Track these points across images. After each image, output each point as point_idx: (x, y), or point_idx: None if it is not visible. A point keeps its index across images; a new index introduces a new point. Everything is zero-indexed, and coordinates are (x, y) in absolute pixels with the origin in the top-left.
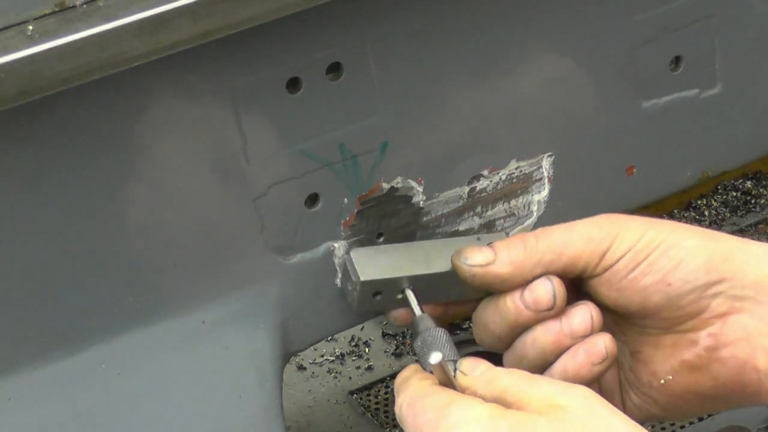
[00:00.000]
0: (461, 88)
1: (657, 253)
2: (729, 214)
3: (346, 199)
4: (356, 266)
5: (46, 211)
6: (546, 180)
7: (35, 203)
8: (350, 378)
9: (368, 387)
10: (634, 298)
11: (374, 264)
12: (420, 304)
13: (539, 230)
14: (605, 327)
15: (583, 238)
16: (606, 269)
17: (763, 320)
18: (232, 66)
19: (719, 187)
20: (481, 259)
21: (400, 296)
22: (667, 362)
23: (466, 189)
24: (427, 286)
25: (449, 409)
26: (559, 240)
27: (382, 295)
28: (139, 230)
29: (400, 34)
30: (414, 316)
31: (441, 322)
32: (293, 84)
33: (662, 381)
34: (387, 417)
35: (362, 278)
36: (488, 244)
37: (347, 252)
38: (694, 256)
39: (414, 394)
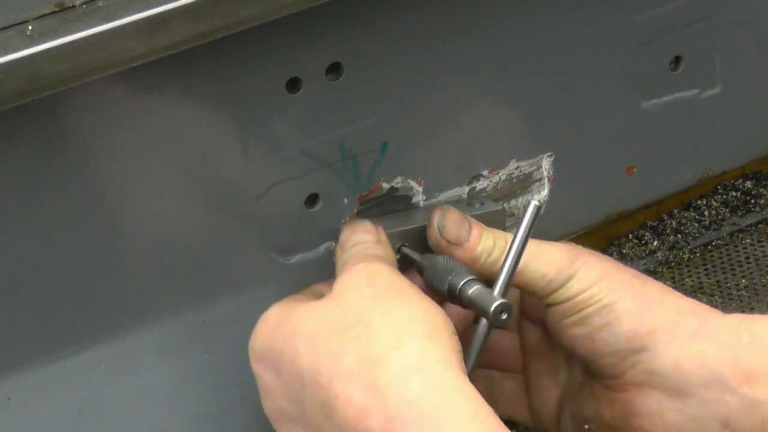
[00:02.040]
0: (461, 88)
1: (590, 309)
2: (729, 214)
3: (346, 199)
4: None
5: (46, 211)
6: (546, 180)
7: (35, 203)
8: None
9: None
10: (563, 342)
11: None
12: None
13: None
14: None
15: (543, 268)
16: (549, 305)
17: (676, 398)
18: (232, 66)
19: (719, 187)
20: (453, 235)
21: (397, 256)
22: (591, 410)
23: (466, 189)
24: (421, 241)
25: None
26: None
27: None
28: (139, 230)
29: (400, 34)
30: (416, 262)
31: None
32: (293, 84)
33: (586, 426)
34: None
35: None
36: (470, 223)
37: (338, 228)
38: (622, 321)
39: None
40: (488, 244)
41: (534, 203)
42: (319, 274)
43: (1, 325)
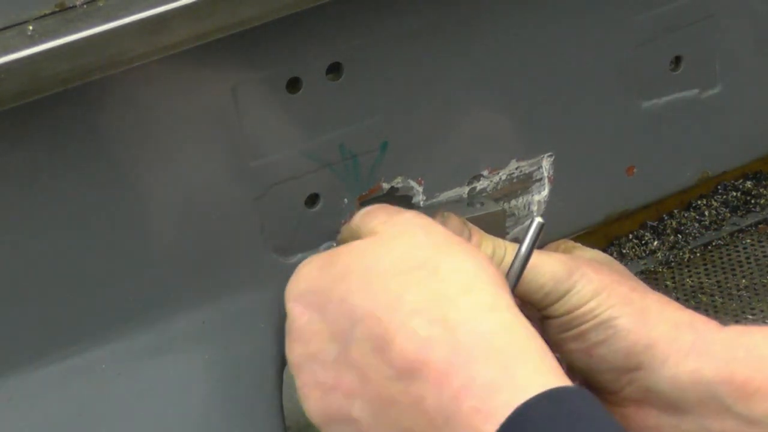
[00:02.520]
0: (461, 88)
1: (588, 325)
2: (729, 214)
3: (346, 199)
4: None
5: (45, 211)
6: (546, 180)
7: (35, 203)
8: None
9: None
10: (561, 354)
11: None
12: None
13: (515, 247)
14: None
15: (540, 280)
16: (546, 318)
17: (674, 415)
18: (232, 66)
19: (719, 187)
20: None
21: None
22: None
23: (466, 189)
24: None
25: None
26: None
27: None
28: (139, 230)
29: (400, 34)
30: None
31: None
32: (293, 84)
33: None
34: None
35: None
36: (469, 229)
37: (338, 231)
38: (619, 338)
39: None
40: (487, 253)
41: (537, 220)
42: None
43: (1, 325)
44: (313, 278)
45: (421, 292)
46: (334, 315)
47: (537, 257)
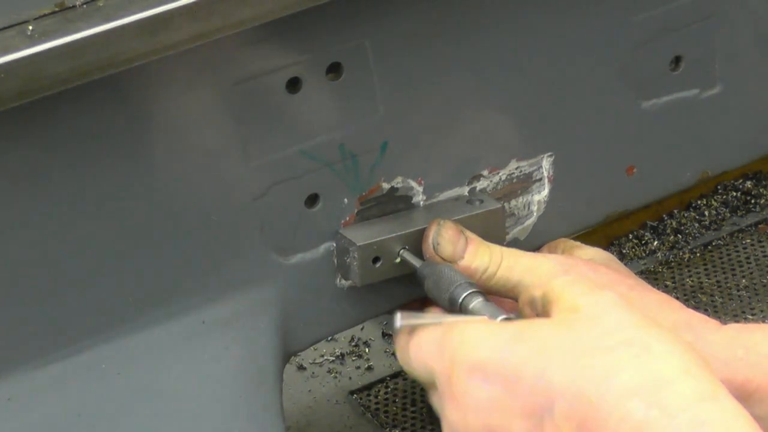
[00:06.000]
0: (461, 88)
1: None
2: (729, 214)
3: (346, 200)
4: (349, 237)
5: (45, 211)
6: (546, 180)
7: (35, 203)
8: (350, 378)
9: (368, 387)
10: None
11: (365, 232)
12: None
13: (511, 251)
14: None
15: (537, 281)
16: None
17: None
18: (232, 66)
19: (719, 187)
20: (448, 253)
21: (397, 260)
22: None
23: (466, 189)
24: (419, 244)
25: (451, 333)
26: (516, 274)
27: (381, 261)
28: (139, 230)
29: (400, 34)
30: (416, 270)
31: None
32: (293, 84)
33: None
34: (387, 417)
35: (358, 243)
36: (465, 237)
37: (336, 232)
38: None
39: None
40: (483, 260)
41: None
42: (319, 274)
43: (1, 325)
44: (498, 349)
45: (634, 371)
46: (527, 390)
47: (534, 258)
